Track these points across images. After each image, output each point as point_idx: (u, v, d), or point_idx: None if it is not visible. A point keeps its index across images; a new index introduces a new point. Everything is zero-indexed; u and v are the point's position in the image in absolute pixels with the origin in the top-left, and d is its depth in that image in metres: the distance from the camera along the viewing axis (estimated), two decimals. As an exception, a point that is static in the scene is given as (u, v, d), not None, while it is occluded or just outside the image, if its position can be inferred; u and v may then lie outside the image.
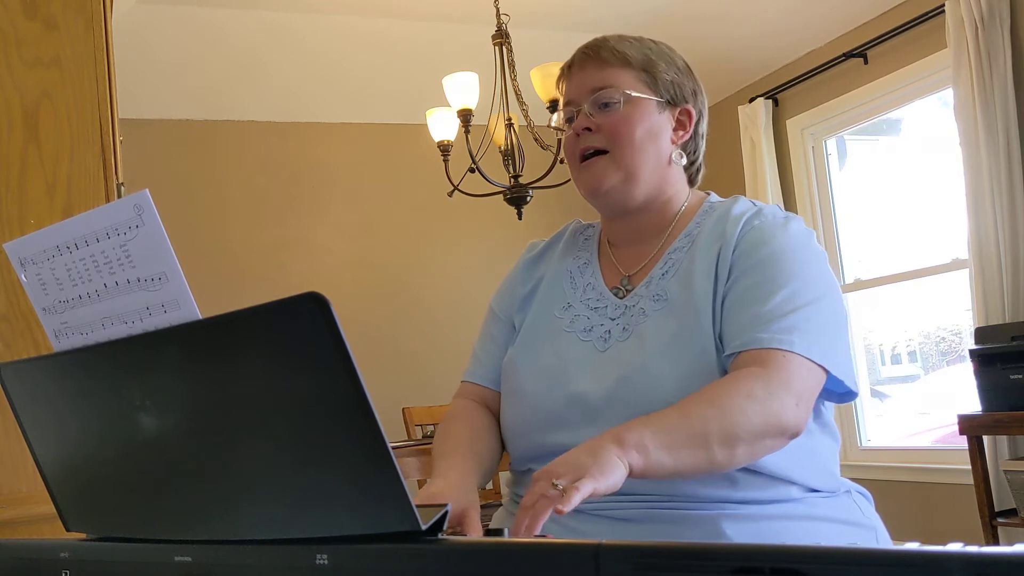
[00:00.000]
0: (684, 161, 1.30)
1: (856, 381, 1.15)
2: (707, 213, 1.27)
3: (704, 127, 1.34)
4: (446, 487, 1.08)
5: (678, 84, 1.29)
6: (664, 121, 1.27)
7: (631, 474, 0.93)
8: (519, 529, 0.87)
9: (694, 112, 1.31)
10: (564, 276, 1.32)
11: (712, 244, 1.20)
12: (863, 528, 1.16)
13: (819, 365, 1.09)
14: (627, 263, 1.29)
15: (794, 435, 1.06)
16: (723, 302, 1.14)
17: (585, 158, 1.25)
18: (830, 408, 1.23)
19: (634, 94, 1.24)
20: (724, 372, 1.11)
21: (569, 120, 1.28)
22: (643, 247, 1.28)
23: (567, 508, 0.85)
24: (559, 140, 3.15)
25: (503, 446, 1.28)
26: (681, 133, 1.29)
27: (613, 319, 1.22)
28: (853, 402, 4.23)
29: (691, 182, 1.35)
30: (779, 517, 1.09)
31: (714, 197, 1.33)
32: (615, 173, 1.23)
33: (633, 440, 0.94)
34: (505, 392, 1.28)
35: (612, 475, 0.90)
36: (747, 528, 1.05)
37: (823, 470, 1.16)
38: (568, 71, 1.30)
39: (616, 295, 1.26)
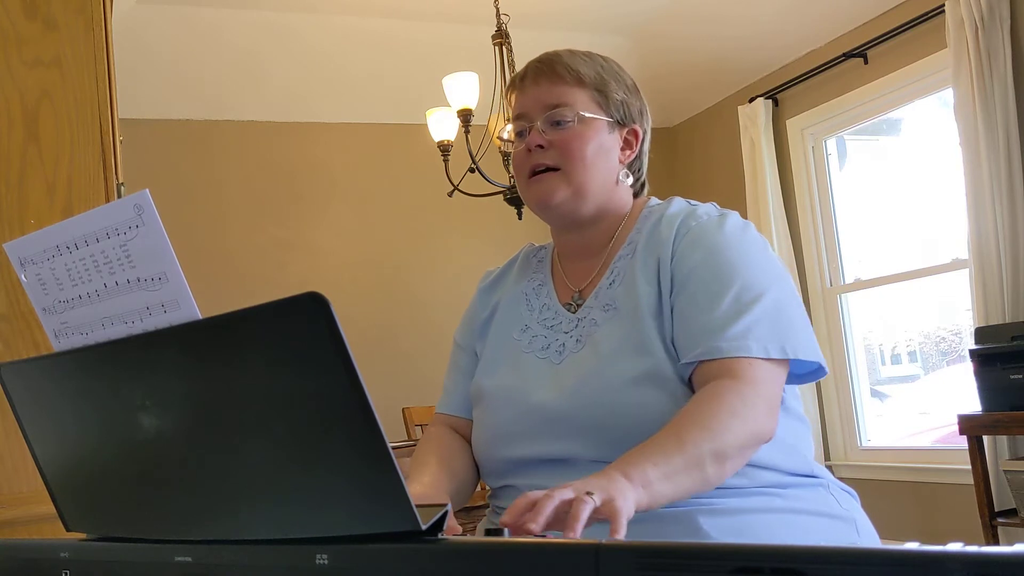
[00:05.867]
0: (630, 180, 1.33)
1: (822, 355, 1.17)
2: (646, 218, 1.30)
3: (648, 145, 1.36)
4: (421, 489, 1.14)
5: (627, 104, 1.31)
6: (613, 141, 1.29)
7: (636, 509, 0.94)
8: (540, 514, 0.85)
9: (640, 132, 1.33)
10: (520, 299, 1.35)
11: (651, 249, 1.23)
12: (842, 520, 1.17)
13: (779, 360, 1.11)
14: (577, 278, 1.32)
15: (767, 441, 1.10)
16: (672, 311, 1.17)
17: (535, 173, 1.27)
18: (796, 395, 1.26)
19: (587, 114, 1.26)
20: (678, 377, 1.13)
21: (520, 134, 1.30)
22: (590, 260, 1.32)
23: (621, 530, 0.85)
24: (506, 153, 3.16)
25: (477, 469, 1.32)
26: (628, 152, 1.32)
27: (567, 332, 1.26)
28: (854, 398, 4.25)
29: (636, 196, 1.37)
30: (757, 511, 1.09)
31: (653, 201, 1.35)
32: (564, 189, 1.26)
33: (638, 477, 0.95)
34: (474, 416, 1.32)
35: (627, 503, 0.91)
36: (725, 522, 1.06)
37: (792, 451, 1.18)
38: (520, 84, 1.31)
39: (569, 310, 1.29)
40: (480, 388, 1.31)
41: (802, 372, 1.18)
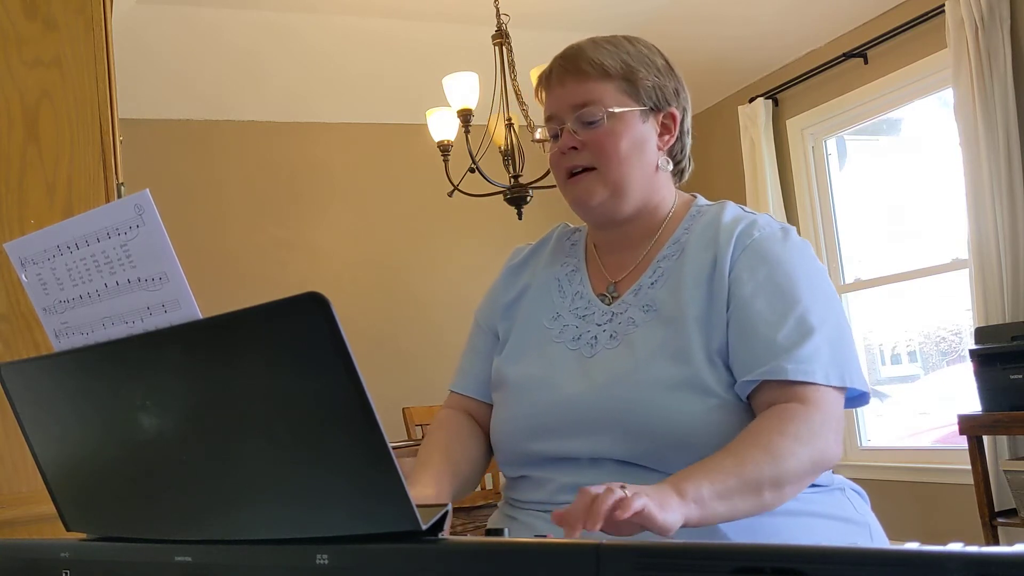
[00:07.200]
0: (671, 166, 1.30)
1: (868, 383, 1.17)
2: (695, 218, 1.27)
3: (689, 123, 1.31)
4: (420, 491, 1.14)
5: (660, 87, 1.26)
6: (649, 129, 1.25)
7: (685, 524, 0.94)
8: (575, 526, 0.88)
9: (678, 113, 1.28)
10: (552, 285, 1.32)
11: (702, 253, 1.20)
12: (857, 525, 1.17)
13: (839, 387, 1.12)
14: (613, 269, 1.29)
15: (832, 466, 1.10)
16: (728, 324, 1.14)
17: (572, 174, 1.25)
18: None
19: (617, 109, 1.22)
20: (718, 387, 1.12)
21: (554, 135, 1.27)
22: (629, 253, 1.29)
23: (626, 514, 0.86)
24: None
25: (489, 452, 1.31)
26: (667, 138, 1.27)
27: (600, 325, 1.23)
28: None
29: (680, 177, 1.34)
30: (774, 513, 1.09)
31: (701, 200, 1.32)
32: (603, 189, 1.23)
33: (692, 492, 0.95)
34: (495, 401, 1.30)
35: (669, 514, 0.91)
36: (743, 524, 1.06)
37: None
38: (547, 83, 1.28)
39: (603, 301, 1.26)
40: (503, 375, 1.27)
41: (848, 396, 1.17)
